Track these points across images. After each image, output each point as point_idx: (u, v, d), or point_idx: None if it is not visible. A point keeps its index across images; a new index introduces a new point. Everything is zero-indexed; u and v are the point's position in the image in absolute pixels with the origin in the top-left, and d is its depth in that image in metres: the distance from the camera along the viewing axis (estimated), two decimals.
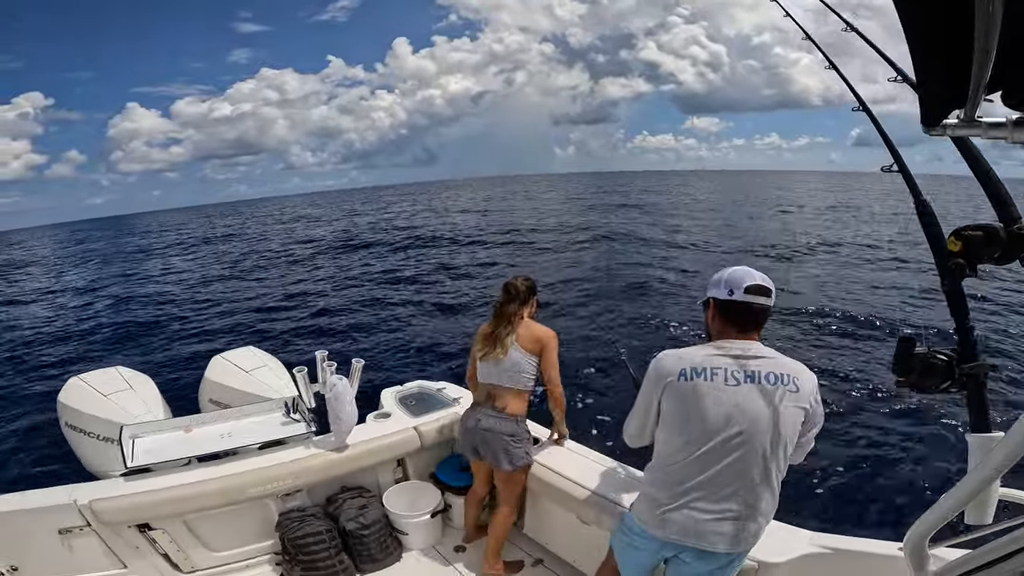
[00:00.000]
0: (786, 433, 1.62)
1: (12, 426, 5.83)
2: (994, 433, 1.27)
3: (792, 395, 1.62)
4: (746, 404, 1.60)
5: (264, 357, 3.82)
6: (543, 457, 2.64)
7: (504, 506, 2.59)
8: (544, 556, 2.75)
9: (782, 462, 1.64)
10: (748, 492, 1.62)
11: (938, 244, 1.30)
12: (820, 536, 2.00)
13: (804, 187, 67.91)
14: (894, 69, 1.59)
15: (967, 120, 0.83)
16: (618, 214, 27.18)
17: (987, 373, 1.27)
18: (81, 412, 3.09)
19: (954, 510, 1.23)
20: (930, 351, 1.27)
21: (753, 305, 1.67)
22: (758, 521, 1.65)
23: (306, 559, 2.48)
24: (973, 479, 1.17)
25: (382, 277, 14.86)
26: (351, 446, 2.79)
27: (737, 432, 1.59)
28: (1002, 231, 1.13)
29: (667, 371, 1.68)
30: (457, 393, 3.44)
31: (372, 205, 53.15)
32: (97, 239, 45.87)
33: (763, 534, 1.69)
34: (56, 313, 12.54)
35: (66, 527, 2.24)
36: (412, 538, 2.81)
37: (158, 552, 2.45)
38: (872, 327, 9.92)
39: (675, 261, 14.76)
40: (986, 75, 0.67)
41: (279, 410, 3.09)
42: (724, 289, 1.70)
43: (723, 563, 1.70)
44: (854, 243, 17.95)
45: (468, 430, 2.57)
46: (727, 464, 1.60)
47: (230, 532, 2.60)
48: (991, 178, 1.20)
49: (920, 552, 1.36)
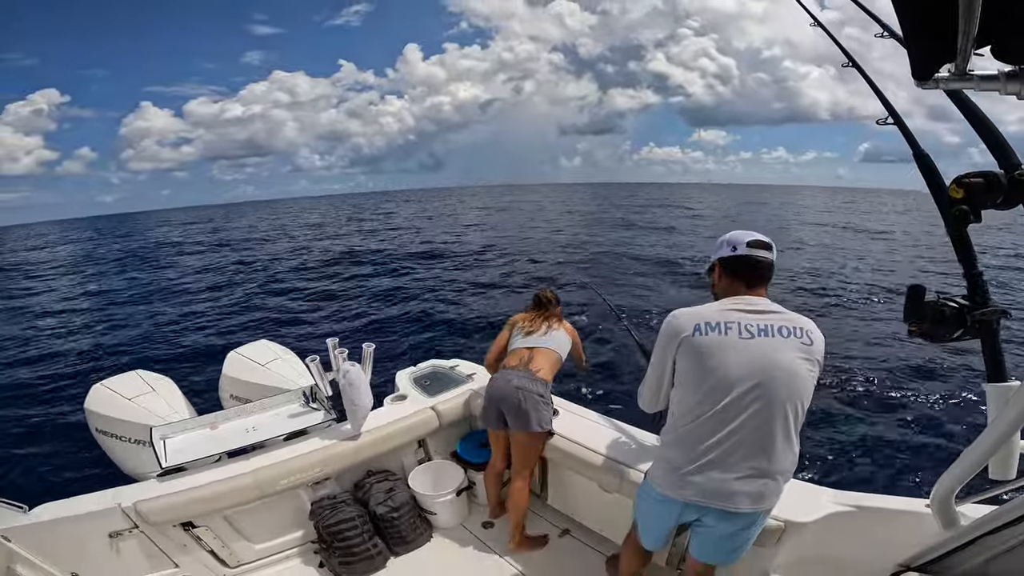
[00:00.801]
0: (803, 386, 1.59)
1: (42, 430, 5.96)
2: (1011, 382, 1.27)
3: (806, 347, 1.60)
4: (762, 357, 1.57)
5: (277, 349, 3.87)
6: (561, 427, 2.67)
7: (517, 479, 2.63)
8: (571, 526, 2.82)
9: (801, 416, 1.60)
10: (769, 448, 1.58)
11: (940, 193, 1.29)
12: (843, 494, 1.98)
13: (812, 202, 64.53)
14: (880, 25, 1.55)
15: (958, 74, 0.84)
16: (620, 230, 26.11)
17: (999, 319, 1.27)
18: (109, 417, 3.16)
19: (977, 465, 1.25)
20: (940, 298, 1.27)
21: (758, 257, 1.70)
22: (780, 478, 1.62)
23: (342, 545, 2.55)
24: (993, 432, 1.18)
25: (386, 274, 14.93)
26: (372, 430, 2.83)
27: (754, 385, 1.56)
28: (1003, 177, 1.13)
29: (681, 327, 1.66)
30: (470, 369, 3.48)
31: (376, 210, 52.34)
32: (103, 236, 45.64)
33: (784, 492, 1.67)
34: (67, 316, 12.65)
35: (116, 530, 2.27)
36: (440, 517, 2.87)
37: (204, 549, 2.50)
38: (886, 289, 9.90)
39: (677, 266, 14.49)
40: (973, 28, 0.67)
41: (298, 400, 3.15)
42: (728, 248, 1.74)
43: (748, 523, 1.68)
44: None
45: (498, 390, 2.59)
46: (746, 419, 1.57)
47: (267, 524, 2.66)
48: (989, 127, 1.19)
49: (948, 508, 1.38)
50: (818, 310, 9.53)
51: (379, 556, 2.62)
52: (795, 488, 2.04)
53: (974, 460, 1.22)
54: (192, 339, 9.58)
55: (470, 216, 36.18)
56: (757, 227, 1.85)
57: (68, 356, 8.99)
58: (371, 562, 2.58)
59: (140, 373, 3.53)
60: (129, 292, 15.06)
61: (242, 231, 35.81)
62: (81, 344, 9.73)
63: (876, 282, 12.17)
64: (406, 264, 16.16)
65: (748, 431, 1.57)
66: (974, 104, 1.22)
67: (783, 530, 1.87)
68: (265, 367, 3.64)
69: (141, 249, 28.09)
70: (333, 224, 35.20)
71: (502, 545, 2.73)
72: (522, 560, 2.62)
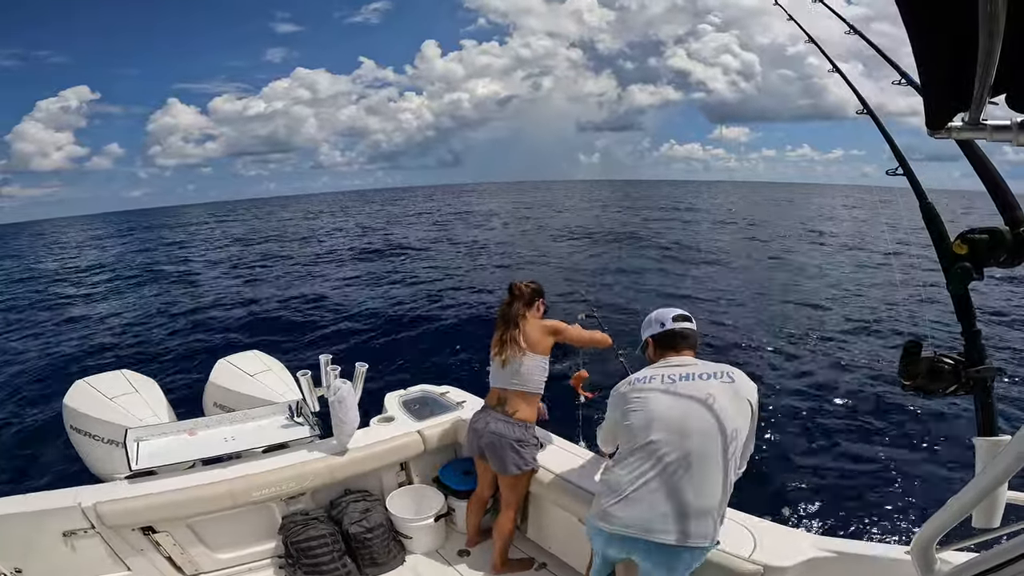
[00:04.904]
0: (726, 422, 1.71)
1: (16, 428, 5.85)
2: (1001, 437, 1.26)
3: (728, 385, 1.79)
4: (684, 399, 1.77)
5: (268, 361, 3.84)
6: (545, 460, 2.64)
7: (507, 509, 2.60)
8: (548, 560, 2.75)
9: (729, 452, 1.71)
10: (693, 482, 1.68)
11: (943, 247, 1.29)
12: (824, 540, 1.99)
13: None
14: (898, 72, 1.59)
15: (972, 123, 0.83)
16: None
17: (994, 377, 1.27)
18: (86, 415, 3.11)
19: (961, 514, 1.22)
20: (936, 355, 1.26)
21: (682, 330, 1.99)
22: (707, 513, 1.68)
23: (309, 563, 2.48)
24: (980, 483, 1.16)
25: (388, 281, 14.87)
26: (355, 449, 2.80)
27: (676, 424, 1.73)
28: (1008, 234, 1.12)
29: (620, 388, 1.93)
30: (460, 397, 3.45)
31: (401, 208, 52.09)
32: (140, 230, 45.31)
33: (720, 529, 1.73)
34: (69, 311, 12.60)
35: (70, 529, 2.24)
36: (415, 542, 2.81)
37: (162, 555, 2.45)
38: (876, 331, 9.86)
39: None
40: (990, 78, 0.67)
41: (283, 414, 3.10)
42: (657, 325, 2.02)
43: (674, 561, 1.71)
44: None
45: (476, 432, 2.58)
46: (667, 456, 1.70)
47: (233, 535, 2.60)
48: (997, 181, 1.20)
49: (927, 555, 1.35)
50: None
51: None
52: (775, 532, 2.04)
53: (958, 509, 1.19)
54: (183, 345, 9.50)
55: (492, 221, 35.03)
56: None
57: (57, 351, 8.92)
58: None
59: (125, 373, 3.49)
60: (125, 289, 15.03)
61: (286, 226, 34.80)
62: (76, 341, 9.68)
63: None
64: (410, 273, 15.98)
65: (672, 467, 1.69)
66: (984, 155, 1.23)
67: (762, 574, 1.85)
68: (253, 378, 3.60)
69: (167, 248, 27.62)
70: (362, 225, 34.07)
71: (478, 572, 2.67)
72: None
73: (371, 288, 13.64)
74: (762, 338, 8.99)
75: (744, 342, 8.96)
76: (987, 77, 0.66)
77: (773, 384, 7.18)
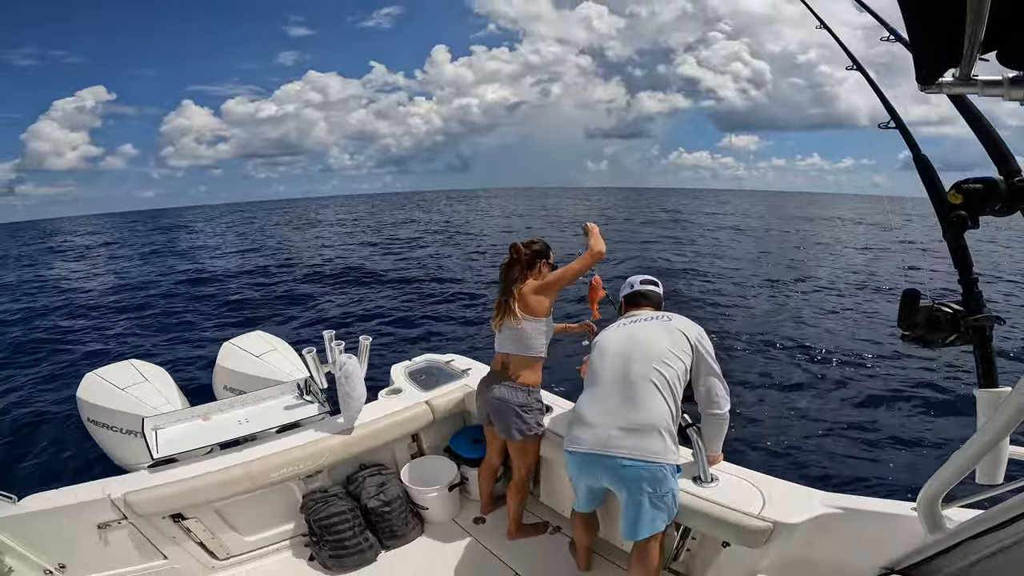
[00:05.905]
0: (658, 346, 2.06)
1: (34, 419, 5.93)
2: (1001, 388, 1.28)
3: (664, 322, 2.18)
4: (628, 335, 2.18)
5: (273, 340, 3.87)
6: (555, 425, 2.66)
7: (518, 475, 2.65)
8: (561, 523, 2.83)
9: (668, 376, 1.99)
10: (636, 401, 1.96)
11: (939, 197, 1.28)
12: (832, 496, 1.99)
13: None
14: (886, 28, 1.55)
15: (963, 78, 0.83)
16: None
17: (993, 325, 1.27)
18: (101, 407, 3.15)
19: (964, 469, 1.25)
20: (935, 304, 1.27)
21: (646, 291, 2.45)
22: (654, 429, 1.92)
23: (333, 539, 2.55)
24: (982, 437, 1.18)
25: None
26: (366, 424, 2.83)
27: (618, 353, 2.10)
28: (1002, 183, 1.12)
29: (595, 339, 2.34)
30: (465, 364, 3.48)
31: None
32: (148, 230, 44.65)
33: (671, 449, 1.93)
34: (76, 304, 12.59)
35: (104, 521, 2.27)
36: (432, 512, 2.88)
37: (193, 540, 2.50)
38: (876, 288, 9.89)
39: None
40: (980, 34, 0.67)
41: (292, 392, 3.15)
42: (627, 287, 2.50)
43: (641, 475, 1.90)
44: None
45: (481, 395, 2.63)
46: (612, 378, 2.05)
47: (258, 517, 2.66)
48: (990, 133, 1.19)
49: (933, 512, 1.39)
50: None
51: (370, 550, 2.62)
52: (784, 489, 2.05)
53: (962, 464, 1.22)
54: (187, 331, 9.55)
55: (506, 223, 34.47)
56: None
57: (64, 343, 8.96)
58: (362, 556, 2.59)
59: (133, 362, 3.52)
60: (130, 284, 14.97)
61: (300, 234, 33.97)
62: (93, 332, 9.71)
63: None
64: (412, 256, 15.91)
65: (617, 387, 2.02)
66: (976, 109, 1.21)
67: (771, 530, 1.88)
68: (259, 358, 3.63)
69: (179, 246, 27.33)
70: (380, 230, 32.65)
71: (493, 540, 2.74)
72: (512, 555, 2.63)
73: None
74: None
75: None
76: (977, 33, 0.67)
77: (780, 346, 7.28)
